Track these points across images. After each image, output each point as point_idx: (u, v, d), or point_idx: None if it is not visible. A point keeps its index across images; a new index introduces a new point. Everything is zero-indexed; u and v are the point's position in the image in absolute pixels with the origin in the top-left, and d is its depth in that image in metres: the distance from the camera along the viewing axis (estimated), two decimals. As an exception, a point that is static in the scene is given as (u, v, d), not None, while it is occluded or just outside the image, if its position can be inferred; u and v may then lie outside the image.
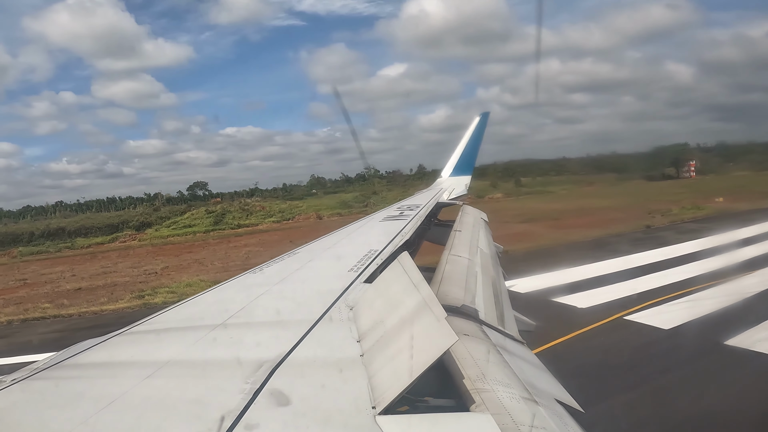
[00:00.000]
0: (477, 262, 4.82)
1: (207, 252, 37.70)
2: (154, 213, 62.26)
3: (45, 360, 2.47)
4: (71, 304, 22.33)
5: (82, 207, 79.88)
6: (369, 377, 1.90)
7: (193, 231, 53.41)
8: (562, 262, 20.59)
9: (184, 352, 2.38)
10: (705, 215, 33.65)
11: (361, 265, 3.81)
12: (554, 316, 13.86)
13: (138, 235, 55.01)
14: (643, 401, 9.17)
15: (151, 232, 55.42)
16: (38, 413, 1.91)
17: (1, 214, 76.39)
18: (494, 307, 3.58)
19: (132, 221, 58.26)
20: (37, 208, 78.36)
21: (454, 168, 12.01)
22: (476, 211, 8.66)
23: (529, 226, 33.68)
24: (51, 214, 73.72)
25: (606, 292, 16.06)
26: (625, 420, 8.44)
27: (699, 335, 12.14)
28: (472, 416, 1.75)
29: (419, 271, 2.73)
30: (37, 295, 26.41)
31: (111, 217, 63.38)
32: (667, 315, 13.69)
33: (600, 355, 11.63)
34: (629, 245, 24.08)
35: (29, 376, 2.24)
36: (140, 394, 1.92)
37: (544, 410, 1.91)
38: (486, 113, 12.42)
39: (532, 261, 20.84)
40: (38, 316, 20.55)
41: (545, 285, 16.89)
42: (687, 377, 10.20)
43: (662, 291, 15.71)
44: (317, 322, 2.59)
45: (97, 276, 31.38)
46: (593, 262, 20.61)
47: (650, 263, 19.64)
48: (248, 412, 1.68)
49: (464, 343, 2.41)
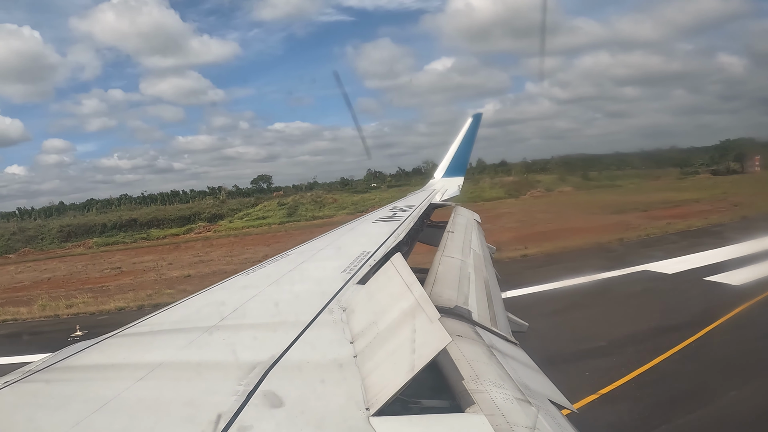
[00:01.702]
0: (470, 263, 4.83)
1: (297, 241, 37.57)
2: (224, 205, 64.22)
3: (37, 362, 2.46)
4: (195, 289, 22.57)
5: (146, 200, 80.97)
6: (362, 378, 1.91)
7: (268, 223, 54.82)
8: (683, 249, 21.95)
9: (178, 354, 2.37)
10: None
11: (354, 267, 3.81)
12: (714, 294, 15.96)
13: (212, 226, 56.70)
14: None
15: (225, 223, 57.14)
16: (30, 416, 1.89)
17: (66, 207, 78.25)
18: (487, 308, 3.59)
19: (203, 213, 60.26)
20: (102, 200, 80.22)
21: (446, 169, 12.01)
22: (469, 213, 8.67)
23: (622, 217, 34.09)
24: (116, 207, 75.51)
25: (748, 271, 17.28)
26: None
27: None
28: (466, 417, 1.75)
29: (412, 273, 2.73)
30: (146, 281, 27.45)
31: (181, 209, 64.96)
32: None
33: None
34: (738, 233, 24.74)
35: (21, 379, 2.22)
36: (133, 396, 1.91)
37: (538, 411, 1.92)
38: (479, 114, 12.45)
39: (654, 248, 22.41)
40: (169, 300, 20.85)
41: (684, 268, 18.74)
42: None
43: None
44: (310, 323, 2.59)
45: (196, 264, 32.77)
46: (714, 248, 21.75)
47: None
48: (242, 413, 1.67)
49: (457, 344, 2.41)
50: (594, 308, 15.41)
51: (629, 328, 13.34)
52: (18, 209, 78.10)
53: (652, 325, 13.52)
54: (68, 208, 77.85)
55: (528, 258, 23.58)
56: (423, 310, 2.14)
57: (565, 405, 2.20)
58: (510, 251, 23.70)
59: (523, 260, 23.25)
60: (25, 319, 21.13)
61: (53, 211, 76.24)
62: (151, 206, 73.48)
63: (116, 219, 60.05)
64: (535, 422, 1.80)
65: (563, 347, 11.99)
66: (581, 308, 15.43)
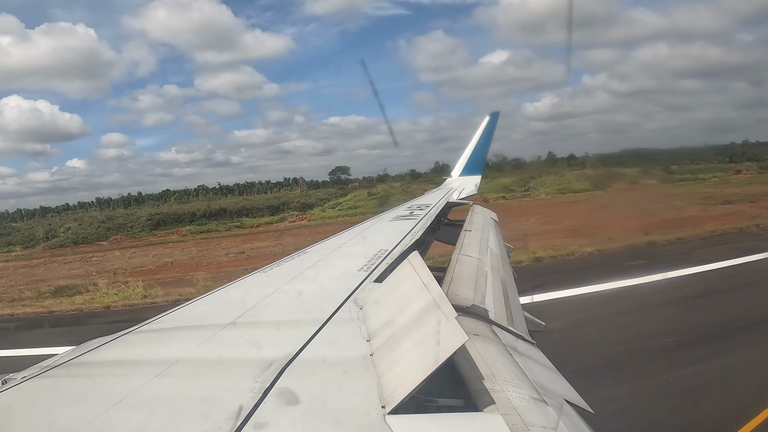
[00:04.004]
0: (487, 262, 4.80)
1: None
2: (313, 195, 66.26)
3: (55, 358, 2.49)
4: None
5: (223, 190, 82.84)
6: (378, 377, 1.90)
7: (361, 212, 55.34)
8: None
9: (194, 351, 2.38)
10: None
11: (371, 265, 3.81)
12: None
13: (304, 215, 57.86)
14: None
15: (317, 212, 58.14)
16: (48, 411, 1.92)
17: (144, 197, 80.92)
18: (504, 308, 3.56)
19: (292, 203, 61.94)
20: (180, 191, 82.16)
21: (464, 168, 11.96)
22: (486, 211, 8.62)
23: (733, 207, 33.61)
24: (193, 197, 77.63)
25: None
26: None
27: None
28: (481, 416, 1.74)
29: (429, 271, 2.72)
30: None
31: (268, 198, 66.78)
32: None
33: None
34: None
35: (39, 374, 2.25)
36: (149, 392, 1.92)
37: (554, 411, 1.90)
38: (496, 113, 12.36)
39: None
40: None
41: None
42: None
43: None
44: (327, 321, 2.59)
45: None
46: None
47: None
48: (258, 410, 1.68)
49: (474, 343, 2.39)
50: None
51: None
52: (97, 199, 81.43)
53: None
54: (146, 198, 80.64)
55: (684, 241, 22.86)
56: (440, 308, 2.13)
57: (582, 406, 2.17)
58: (658, 235, 23.32)
59: (681, 243, 22.58)
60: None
61: (132, 201, 79.07)
62: (228, 197, 75.69)
63: (205, 208, 61.82)
64: (552, 422, 1.78)
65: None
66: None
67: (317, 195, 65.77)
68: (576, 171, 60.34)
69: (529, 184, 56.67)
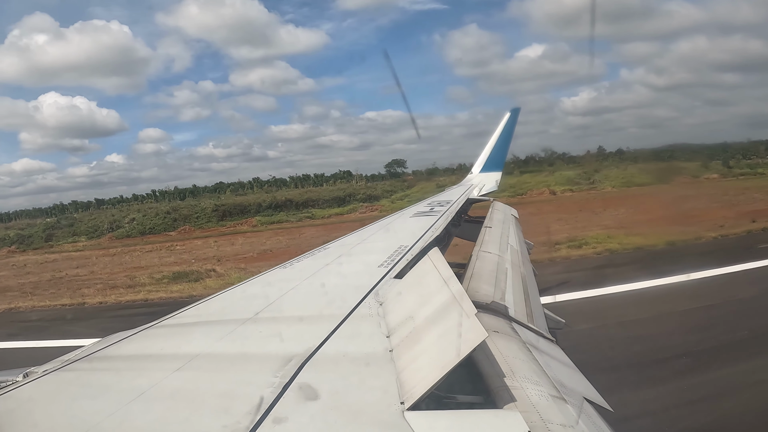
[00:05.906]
0: (507, 258, 4.78)
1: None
2: (378, 186, 67.43)
3: (76, 352, 2.53)
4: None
5: (277, 182, 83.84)
6: (398, 372, 1.90)
7: None
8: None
9: (214, 345, 2.40)
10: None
11: (392, 261, 3.80)
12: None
13: (374, 207, 57.91)
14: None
15: (387, 203, 57.88)
16: (69, 404, 1.95)
17: (199, 190, 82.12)
18: (524, 304, 3.54)
19: (358, 194, 62.66)
20: (234, 183, 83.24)
21: (484, 164, 11.89)
22: (506, 208, 8.58)
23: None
24: (248, 189, 78.85)
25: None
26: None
27: None
28: (500, 413, 1.73)
29: (449, 267, 2.71)
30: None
31: (333, 190, 67.55)
32: None
33: None
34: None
35: (60, 368, 2.29)
36: (170, 386, 1.94)
37: (574, 409, 1.88)
38: (517, 109, 12.26)
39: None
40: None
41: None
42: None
43: None
44: (347, 317, 2.59)
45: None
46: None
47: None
48: (277, 405, 1.68)
49: (493, 339, 2.38)
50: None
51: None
52: (153, 191, 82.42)
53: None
54: (203, 190, 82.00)
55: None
56: (460, 305, 2.12)
57: (602, 404, 2.15)
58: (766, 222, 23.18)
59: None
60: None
61: (187, 193, 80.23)
62: (283, 189, 76.72)
63: (271, 199, 62.59)
64: (571, 420, 1.77)
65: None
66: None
67: (382, 187, 66.34)
68: (636, 165, 59.98)
69: (594, 177, 56.04)
